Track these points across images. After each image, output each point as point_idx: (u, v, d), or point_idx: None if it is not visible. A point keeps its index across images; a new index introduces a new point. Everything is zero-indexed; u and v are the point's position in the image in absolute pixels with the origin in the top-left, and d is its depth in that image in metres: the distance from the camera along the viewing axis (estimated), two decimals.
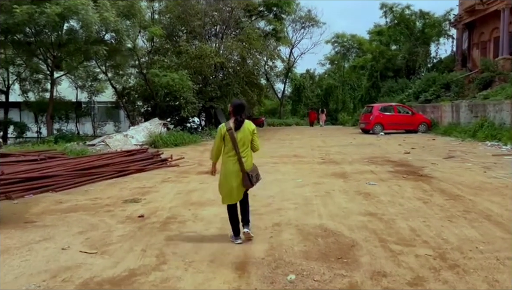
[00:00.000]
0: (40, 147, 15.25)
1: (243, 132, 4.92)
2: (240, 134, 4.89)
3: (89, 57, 19.58)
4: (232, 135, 4.83)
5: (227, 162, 4.96)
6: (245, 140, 4.95)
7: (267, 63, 32.39)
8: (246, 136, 4.94)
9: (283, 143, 19.35)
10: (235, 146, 4.87)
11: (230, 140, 4.85)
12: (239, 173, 4.95)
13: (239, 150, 4.89)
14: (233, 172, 4.95)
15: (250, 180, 5.04)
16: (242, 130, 4.91)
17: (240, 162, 4.92)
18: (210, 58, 23.96)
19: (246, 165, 4.99)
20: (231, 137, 4.84)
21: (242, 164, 4.93)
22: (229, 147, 4.91)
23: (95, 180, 9.25)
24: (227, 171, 4.98)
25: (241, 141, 4.91)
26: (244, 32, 26.68)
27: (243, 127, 4.92)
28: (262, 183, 8.82)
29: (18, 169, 8.73)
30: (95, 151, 15.57)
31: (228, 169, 4.96)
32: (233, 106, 4.96)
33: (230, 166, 4.94)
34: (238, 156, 4.91)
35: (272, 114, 46.01)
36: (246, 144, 4.97)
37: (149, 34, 21.79)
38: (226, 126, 4.90)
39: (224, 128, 4.90)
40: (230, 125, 4.88)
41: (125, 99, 25.56)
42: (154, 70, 21.65)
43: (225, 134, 4.87)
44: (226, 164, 4.98)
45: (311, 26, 43.12)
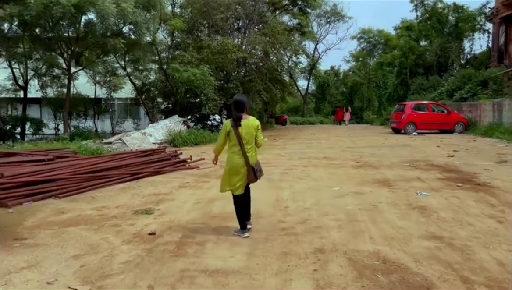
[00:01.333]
0: (53, 145, 14.44)
1: (248, 128, 5.01)
2: (245, 130, 4.98)
3: (106, 51, 18.73)
4: (236, 131, 4.94)
5: (232, 157, 5.06)
6: (250, 136, 5.04)
7: (291, 58, 31.13)
8: (250, 132, 5.03)
9: (310, 143, 18.10)
10: (240, 142, 4.96)
11: (235, 136, 4.95)
12: (244, 167, 5.06)
13: (244, 145, 4.97)
14: (238, 166, 5.06)
15: (255, 174, 5.16)
16: (246, 126, 5.00)
17: (245, 157, 5.01)
18: (232, 53, 22.87)
19: (251, 160, 5.08)
20: (235, 133, 4.95)
21: (247, 159, 5.03)
22: (234, 142, 5.01)
23: (105, 184, 8.24)
24: (232, 165, 5.09)
25: (245, 137, 4.99)
26: (268, 26, 25.47)
27: (248, 123, 5.02)
28: (293, 192, 7.78)
29: (20, 170, 7.79)
30: (111, 149, 14.70)
31: (233, 163, 5.07)
32: (233, 103, 5.10)
33: (235, 160, 5.05)
34: (242, 151, 4.99)
35: (294, 112, 44.73)
36: (250, 140, 5.06)
37: (170, 28, 20.81)
38: (231, 122, 5.00)
39: (229, 124, 5.02)
40: (233, 122, 4.98)
41: (144, 96, 24.73)
42: (174, 65, 20.68)
43: (230, 130, 4.99)
44: (231, 159, 5.09)
45: (336, 21, 41.60)
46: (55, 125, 23.38)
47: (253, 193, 7.44)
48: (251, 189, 5.49)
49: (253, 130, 5.06)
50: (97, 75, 23.17)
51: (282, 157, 13.09)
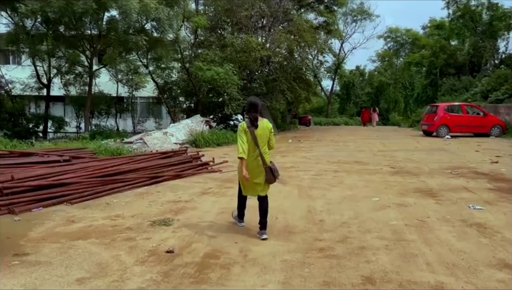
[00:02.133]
0: (72, 145, 14.06)
1: (262, 130, 5.02)
2: (259, 132, 4.99)
3: (128, 48, 18.29)
4: (252, 132, 4.94)
5: (248, 158, 4.97)
6: (264, 138, 5.05)
7: (316, 57, 30.25)
8: (264, 134, 5.05)
9: (337, 146, 17.23)
10: (256, 143, 4.94)
11: (251, 137, 4.94)
12: (261, 168, 5.03)
13: (260, 146, 4.96)
14: (253, 167, 5.00)
15: (273, 174, 5.09)
16: (261, 128, 5.01)
17: (261, 157, 4.98)
18: (256, 52, 22.18)
19: (267, 161, 5.04)
20: (251, 134, 4.93)
21: (264, 160, 4.99)
22: (249, 144, 4.96)
23: (121, 188, 7.64)
24: (248, 167, 4.96)
25: (260, 138, 4.98)
26: (294, 23, 24.68)
27: (261, 125, 5.02)
28: (327, 203, 7.00)
29: (33, 173, 7.27)
30: (131, 149, 14.23)
31: (248, 165, 4.97)
32: (248, 104, 5.10)
33: (251, 162, 4.99)
34: (259, 152, 4.96)
35: (318, 113, 43.72)
36: (264, 141, 5.06)
37: (193, 25, 20.25)
38: (246, 123, 4.99)
39: (245, 125, 5.00)
40: (249, 123, 4.97)
41: (166, 95, 24.30)
42: (198, 63, 20.13)
43: (247, 131, 4.96)
44: (247, 161, 4.96)
45: (363, 20, 40.39)
46: (76, 124, 23.15)
47: (282, 202, 6.75)
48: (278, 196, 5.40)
49: (268, 132, 5.09)
50: (119, 73, 22.82)
51: (309, 161, 12.30)
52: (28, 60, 21.66)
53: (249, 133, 4.95)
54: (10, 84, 21.65)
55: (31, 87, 22.31)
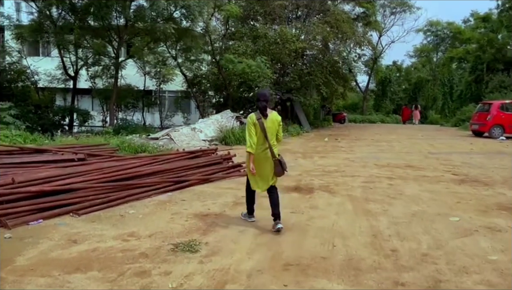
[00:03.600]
0: (94, 140, 13.07)
1: (271, 122, 4.93)
2: (269, 124, 4.90)
3: (156, 38, 17.23)
4: (262, 124, 4.85)
5: (257, 151, 4.88)
6: (273, 130, 4.97)
7: (354, 50, 28.52)
8: (274, 127, 4.96)
9: (380, 146, 15.64)
10: (265, 135, 4.87)
11: (260, 129, 4.85)
12: (270, 160, 4.94)
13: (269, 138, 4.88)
14: (261, 160, 4.94)
15: (282, 167, 5.01)
16: (270, 120, 4.93)
17: (271, 150, 4.90)
18: (291, 43, 20.78)
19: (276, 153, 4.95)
20: (261, 126, 4.85)
21: (273, 152, 4.92)
22: (258, 136, 4.88)
23: (140, 195, 6.46)
24: (256, 160, 4.90)
25: (269, 131, 4.90)
26: (332, 13, 23.10)
27: (271, 117, 4.94)
28: (393, 222, 5.59)
29: (38, 174, 6.18)
30: (156, 146, 13.17)
31: (257, 158, 4.91)
32: (257, 95, 5.07)
33: (260, 155, 4.91)
34: (268, 144, 4.89)
35: (352, 110, 41.82)
36: (273, 134, 4.98)
37: (225, 14, 19.01)
38: (256, 115, 4.89)
39: (254, 117, 4.89)
40: (259, 115, 4.88)
41: (195, 88, 23.22)
42: (229, 55, 18.92)
43: (255, 123, 4.86)
44: (255, 154, 4.88)
45: (402, 12, 38.12)
46: (103, 117, 22.39)
47: (336, 219, 5.34)
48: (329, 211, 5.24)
49: (276, 125, 5.01)
50: (147, 65, 21.88)
51: (353, 164, 10.84)
52: (56, 51, 21.04)
53: (258, 125, 4.86)
54: (36, 76, 21.05)
55: (57, 79, 21.68)
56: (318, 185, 7.84)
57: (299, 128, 21.73)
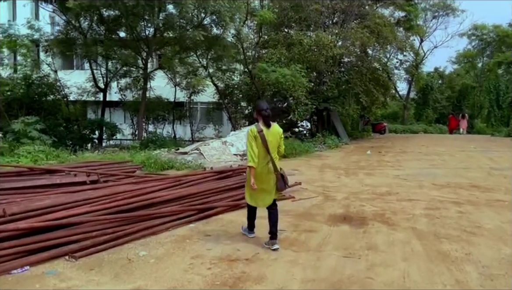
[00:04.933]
0: (119, 156, 12.26)
1: (273, 135, 4.77)
2: (270, 138, 4.72)
3: (185, 47, 16.37)
4: (263, 137, 4.67)
5: (258, 165, 4.67)
6: (275, 144, 4.80)
7: (395, 56, 26.81)
8: (275, 140, 4.80)
9: (431, 160, 14.00)
10: (267, 148, 4.67)
11: (262, 142, 4.67)
12: (272, 175, 4.75)
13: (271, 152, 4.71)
14: (263, 175, 4.73)
15: (285, 182, 4.85)
16: (272, 133, 4.76)
17: (273, 164, 4.72)
18: (328, 49, 19.47)
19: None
20: (262, 139, 4.67)
21: (275, 166, 4.73)
22: (260, 150, 4.68)
23: (156, 228, 5.33)
24: (257, 174, 4.69)
25: (271, 145, 4.71)
26: (371, 17, 21.67)
27: (272, 130, 4.78)
28: (485, 275, 3.98)
29: (36, 203, 5.19)
30: (184, 161, 12.21)
31: (258, 172, 4.69)
32: (257, 106, 4.91)
33: (261, 168, 4.70)
34: (270, 157, 4.70)
35: (392, 119, 39.73)
36: (275, 147, 4.81)
37: (258, 20, 17.98)
38: (257, 128, 4.72)
39: (255, 130, 4.71)
40: (260, 127, 4.71)
41: (227, 99, 22.26)
42: (262, 64, 17.85)
43: (256, 136, 4.68)
44: (256, 168, 4.66)
45: (445, 15, 35.90)
46: (132, 131, 21.75)
47: (406, 268, 3.65)
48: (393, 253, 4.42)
49: (278, 137, 4.84)
50: (177, 76, 21.12)
51: (407, 183, 9.37)
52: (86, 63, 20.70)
53: (259, 138, 4.68)
54: (66, 89, 20.70)
55: (87, 92, 21.26)
56: (371, 213, 6.48)
57: (337, 140, 20.29)
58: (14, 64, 20.18)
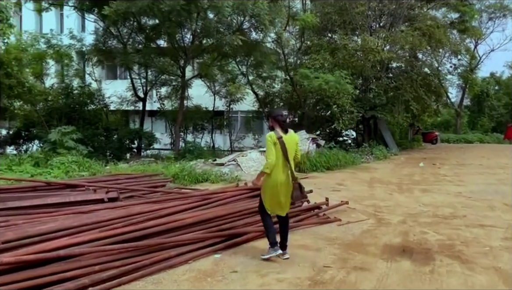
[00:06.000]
0: (151, 168, 11.64)
1: (291, 141, 4.64)
2: (289, 144, 4.58)
3: (223, 53, 15.66)
4: (283, 143, 4.52)
5: (276, 173, 4.50)
6: (292, 151, 4.64)
7: (449, 60, 24.93)
8: (293, 147, 4.66)
9: (495, 174, 12.39)
10: (286, 155, 4.51)
11: (281, 149, 4.51)
12: (290, 184, 4.57)
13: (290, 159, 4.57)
14: (283, 184, 4.53)
15: (302, 191, 4.66)
16: (290, 139, 4.62)
17: (291, 172, 4.56)
18: (375, 53, 18.17)
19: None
20: (282, 146, 4.51)
21: (294, 174, 4.58)
22: (278, 157, 4.51)
23: (173, 260, 4.43)
24: (275, 183, 4.51)
25: (290, 151, 4.56)
26: (422, 18, 20.19)
27: (290, 137, 4.64)
28: None
29: (39, 228, 4.47)
30: (220, 173, 11.44)
31: (276, 180, 4.51)
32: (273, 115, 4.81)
33: (279, 177, 4.51)
34: (289, 165, 4.54)
35: (444, 128, 37.35)
36: (292, 155, 4.65)
37: (299, 24, 17.03)
38: (276, 134, 4.55)
39: (274, 136, 4.53)
40: (279, 133, 4.55)
41: (267, 108, 21.40)
42: (303, 70, 16.86)
43: (276, 142, 4.51)
44: (274, 176, 4.50)
45: (502, 17, 33.30)
46: (171, 140, 21.30)
47: None
48: None
49: (295, 145, 4.70)
50: (216, 84, 20.52)
51: (473, 203, 8.01)
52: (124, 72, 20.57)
53: (279, 145, 4.49)
54: (107, 98, 20.63)
55: (127, 101, 21.10)
56: (436, 244, 5.29)
57: (385, 150, 18.86)
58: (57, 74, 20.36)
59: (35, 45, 18.43)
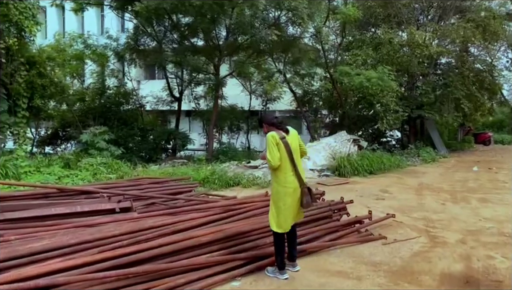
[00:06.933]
0: (181, 170, 11.09)
1: (294, 140, 4.19)
2: (293, 143, 4.14)
3: (259, 49, 14.88)
4: (287, 144, 4.06)
5: (285, 179, 4.05)
6: (297, 151, 4.21)
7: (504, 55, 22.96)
8: (296, 147, 4.21)
9: None
10: (291, 157, 4.06)
11: (286, 150, 4.04)
12: (298, 190, 4.10)
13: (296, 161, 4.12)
14: (292, 191, 4.08)
15: (311, 197, 4.17)
16: (292, 137, 4.18)
17: (298, 176, 4.09)
18: (423, 48, 16.82)
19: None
20: (286, 147, 4.05)
21: (301, 179, 4.12)
22: (283, 160, 4.04)
23: (185, 288, 3.71)
24: (287, 191, 4.05)
25: (295, 153, 4.13)
26: (477, 9, 18.56)
27: (293, 136, 4.22)
28: None
29: (28, 246, 3.88)
30: (253, 177, 10.75)
31: (287, 188, 4.05)
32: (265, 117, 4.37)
33: (290, 183, 4.05)
34: (295, 168, 4.08)
35: (497, 128, 34.78)
36: (298, 155, 4.21)
37: (341, 17, 15.96)
38: (278, 134, 4.08)
39: (277, 136, 4.06)
40: (281, 134, 4.10)
41: (306, 107, 20.46)
42: (343, 67, 15.83)
43: (279, 142, 4.04)
44: (283, 182, 4.06)
45: None
46: (206, 141, 20.80)
47: None
48: None
49: (297, 142, 4.25)
50: (252, 82, 19.79)
51: None
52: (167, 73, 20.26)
53: (282, 146, 4.03)
54: (143, 98, 20.43)
55: (163, 101, 20.80)
56: (507, 274, 4.26)
57: (433, 152, 17.44)
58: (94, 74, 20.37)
59: (73, 46, 18.47)
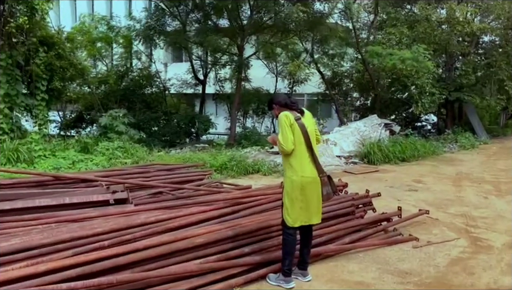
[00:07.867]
0: (198, 155, 10.53)
1: (310, 122, 3.61)
2: (309, 126, 3.56)
3: (283, 27, 13.98)
4: (302, 126, 3.48)
5: (301, 167, 3.45)
6: (313, 135, 3.60)
7: None
8: (313, 128, 3.63)
9: None
10: (308, 141, 3.48)
11: (302, 133, 3.46)
12: (317, 180, 3.50)
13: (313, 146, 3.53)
14: (310, 181, 3.47)
15: (332, 186, 3.59)
16: (307, 119, 3.60)
17: (316, 164, 3.49)
18: (464, 25, 15.46)
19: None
20: (301, 129, 3.47)
21: (320, 166, 3.53)
22: (298, 144, 3.44)
23: None
24: (303, 181, 3.43)
25: (312, 135, 3.54)
26: None
27: (306, 116, 3.62)
28: None
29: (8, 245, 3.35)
30: (274, 164, 10.09)
31: (303, 177, 3.44)
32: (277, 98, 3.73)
33: (307, 171, 3.46)
34: (312, 154, 3.48)
35: None
36: (314, 140, 3.59)
37: None
38: (293, 114, 3.50)
39: (292, 117, 3.46)
40: (296, 115, 3.51)
41: (335, 90, 19.44)
42: (373, 47, 14.71)
43: (293, 123, 3.45)
44: (299, 171, 3.44)
45: None
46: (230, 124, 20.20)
47: None
48: None
49: (313, 125, 3.66)
50: (278, 64, 18.93)
51: None
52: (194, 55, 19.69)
53: (297, 127, 3.44)
54: (167, 81, 19.97)
55: (187, 84, 20.26)
56: None
57: (473, 138, 16.16)
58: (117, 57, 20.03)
59: (98, 28, 18.14)
